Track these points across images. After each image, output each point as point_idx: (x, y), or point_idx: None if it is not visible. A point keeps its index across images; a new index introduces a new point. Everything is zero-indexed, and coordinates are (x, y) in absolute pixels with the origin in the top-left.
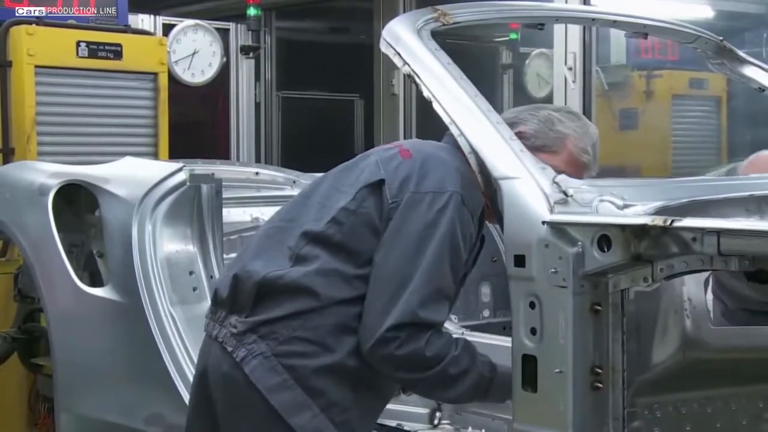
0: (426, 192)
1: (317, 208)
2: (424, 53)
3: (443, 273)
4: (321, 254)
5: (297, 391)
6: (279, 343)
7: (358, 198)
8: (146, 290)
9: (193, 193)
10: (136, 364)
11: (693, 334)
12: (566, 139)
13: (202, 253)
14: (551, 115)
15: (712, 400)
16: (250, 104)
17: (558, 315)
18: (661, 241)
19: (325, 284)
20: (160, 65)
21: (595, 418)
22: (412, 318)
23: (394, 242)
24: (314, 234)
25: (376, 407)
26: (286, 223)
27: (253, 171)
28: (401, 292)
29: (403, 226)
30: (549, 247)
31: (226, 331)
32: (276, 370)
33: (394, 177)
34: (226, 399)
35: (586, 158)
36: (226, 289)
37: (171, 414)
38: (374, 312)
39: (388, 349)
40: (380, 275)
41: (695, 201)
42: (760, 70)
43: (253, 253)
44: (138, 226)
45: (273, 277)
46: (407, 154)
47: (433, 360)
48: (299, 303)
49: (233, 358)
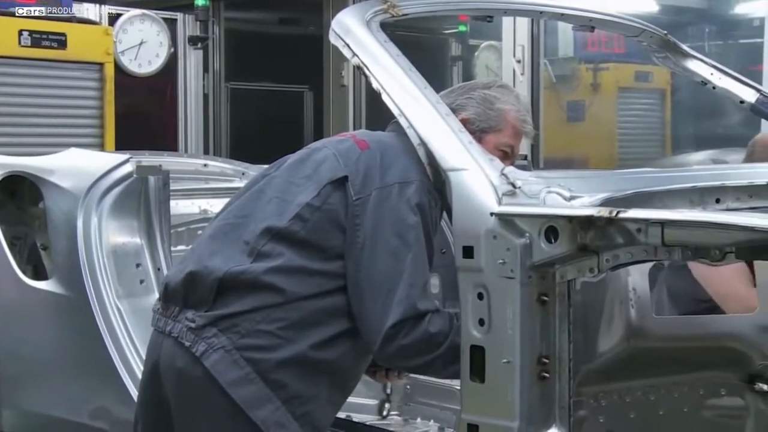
0: (392, 184)
1: (276, 203)
2: (374, 45)
3: (425, 262)
4: (285, 251)
5: (259, 385)
6: (241, 337)
7: (323, 194)
8: (92, 283)
9: (140, 185)
10: (82, 357)
11: (637, 323)
12: (507, 115)
13: (150, 246)
14: (487, 95)
15: (655, 388)
16: (198, 95)
17: (506, 306)
18: (607, 232)
19: (289, 281)
20: (105, 55)
21: (542, 408)
22: (413, 312)
23: (375, 242)
24: (277, 230)
25: (337, 399)
26: (240, 219)
27: (201, 163)
28: (395, 289)
29: (377, 224)
30: (497, 239)
31: (181, 326)
32: (238, 363)
33: (356, 172)
34: (180, 394)
35: (528, 127)
36: (180, 285)
37: (117, 408)
38: (374, 314)
39: (396, 342)
40: (370, 277)
41: (640, 192)
42: (703, 64)
43: (210, 250)
44: (83, 219)
45: (235, 273)
46: (364, 145)
47: (440, 336)
48: (262, 298)
49: (191, 352)
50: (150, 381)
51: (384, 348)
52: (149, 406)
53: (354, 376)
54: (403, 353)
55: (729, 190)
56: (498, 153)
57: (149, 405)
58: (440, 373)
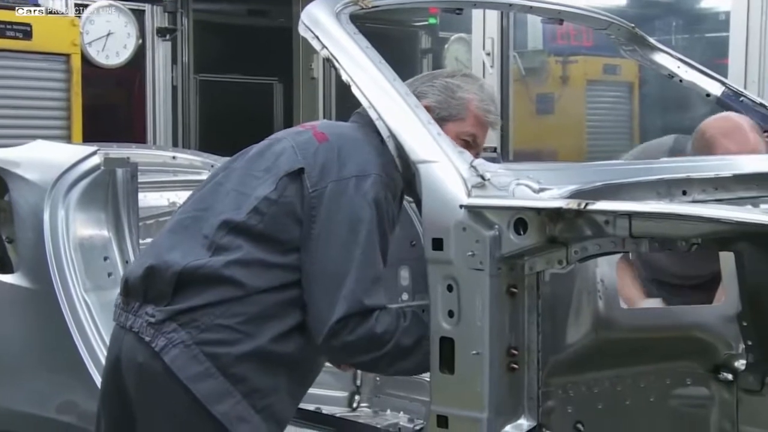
0: (349, 177)
1: (234, 195)
2: (343, 37)
3: (377, 257)
4: (243, 244)
5: (219, 379)
6: (200, 331)
7: (280, 187)
8: (59, 276)
9: (108, 177)
10: (48, 351)
11: (605, 314)
12: (469, 104)
13: (117, 238)
14: (449, 83)
15: (622, 378)
16: (166, 87)
17: (475, 297)
18: (576, 224)
19: (248, 274)
20: (72, 46)
21: (510, 399)
22: (359, 307)
23: (328, 234)
24: (235, 224)
25: (298, 391)
26: (200, 212)
27: (170, 155)
28: (343, 283)
29: (332, 216)
30: (466, 231)
31: (141, 321)
32: (198, 358)
33: (313, 164)
34: (141, 389)
35: (492, 117)
36: (140, 279)
37: (84, 401)
38: (321, 307)
39: (341, 338)
40: (319, 270)
41: (609, 185)
42: (669, 57)
43: (169, 244)
44: (50, 211)
45: (193, 267)
46: (323, 137)
47: (386, 336)
48: (221, 292)
49: (151, 347)
50: (112, 375)
51: (328, 342)
52: (111, 400)
53: (314, 368)
54: (347, 349)
55: (695, 182)
56: (460, 142)
57: (111, 399)
58: (386, 371)
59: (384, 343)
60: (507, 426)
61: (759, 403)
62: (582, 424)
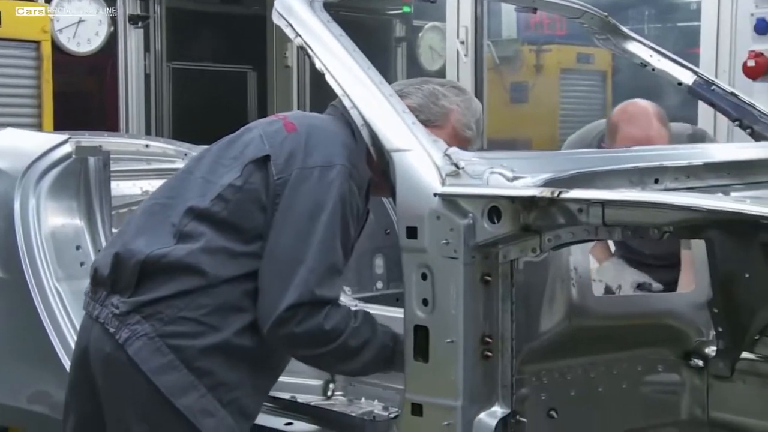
0: (313, 167)
1: (201, 183)
2: (317, 25)
3: (335, 249)
4: (206, 231)
5: (183, 372)
6: (164, 324)
7: (245, 174)
8: (30, 265)
9: (80, 166)
10: (20, 341)
11: (578, 302)
12: (450, 114)
13: (90, 227)
14: (436, 90)
15: (595, 365)
16: (139, 75)
17: (449, 286)
18: (549, 212)
19: (212, 262)
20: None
21: (485, 386)
22: (310, 297)
23: (286, 221)
24: (199, 210)
25: (265, 384)
26: (168, 200)
27: (143, 143)
28: (296, 271)
29: (293, 203)
30: (440, 219)
31: (107, 311)
32: (161, 351)
33: (279, 152)
34: (108, 380)
35: (469, 133)
36: (107, 268)
37: (56, 391)
38: (271, 293)
39: (288, 327)
40: (274, 255)
41: (582, 173)
42: (642, 46)
43: (135, 231)
44: (21, 200)
45: (157, 256)
46: (292, 127)
47: (333, 333)
48: (185, 282)
49: (116, 339)
50: (80, 366)
51: (275, 330)
52: (80, 390)
53: (280, 361)
54: (291, 340)
55: (668, 170)
56: None
57: (80, 390)
58: (330, 368)
59: (331, 340)
60: (481, 413)
61: (729, 389)
62: (555, 411)
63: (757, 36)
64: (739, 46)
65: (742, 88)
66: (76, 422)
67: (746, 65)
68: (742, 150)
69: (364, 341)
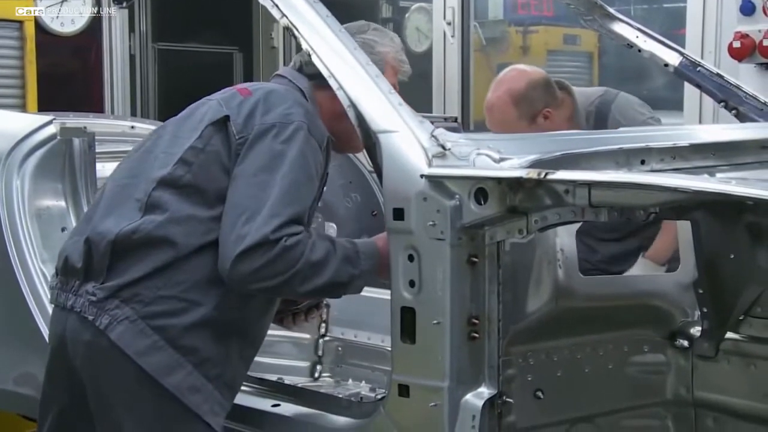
0: (272, 124)
1: (162, 158)
2: (303, 5)
3: (297, 200)
4: (171, 200)
5: (168, 351)
6: (144, 305)
7: (205, 136)
8: (15, 248)
9: (65, 147)
10: (5, 323)
11: (565, 283)
12: (386, 57)
13: (75, 209)
14: (366, 39)
15: (581, 346)
16: (124, 56)
17: (436, 267)
18: (536, 193)
19: (181, 232)
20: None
21: (471, 368)
22: (266, 239)
23: (245, 171)
24: (161, 177)
25: (249, 354)
26: (131, 179)
27: (128, 125)
28: (255, 216)
29: (251, 155)
30: (427, 201)
31: (83, 300)
32: (144, 332)
33: (238, 113)
34: (91, 368)
35: (405, 67)
36: (79, 256)
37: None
38: (229, 237)
39: (247, 265)
40: (233, 202)
41: (568, 154)
42: (629, 27)
43: (102, 214)
44: (5, 182)
45: (127, 233)
46: (247, 92)
47: (294, 252)
48: (158, 257)
49: (95, 326)
50: (58, 357)
51: (234, 272)
52: (60, 382)
53: (262, 329)
54: (254, 275)
55: (653, 151)
56: None
57: (60, 382)
58: (297, 293)
59: (294, 261)
60: (468, 394)
61: (713, 369)
62: (542, 391)
63: (743, 17)
64: (724, 27)
65: (727, 69)
66: (58, 413)
67: (732, 46)
68: (727, 131)
69: (325, 252)
